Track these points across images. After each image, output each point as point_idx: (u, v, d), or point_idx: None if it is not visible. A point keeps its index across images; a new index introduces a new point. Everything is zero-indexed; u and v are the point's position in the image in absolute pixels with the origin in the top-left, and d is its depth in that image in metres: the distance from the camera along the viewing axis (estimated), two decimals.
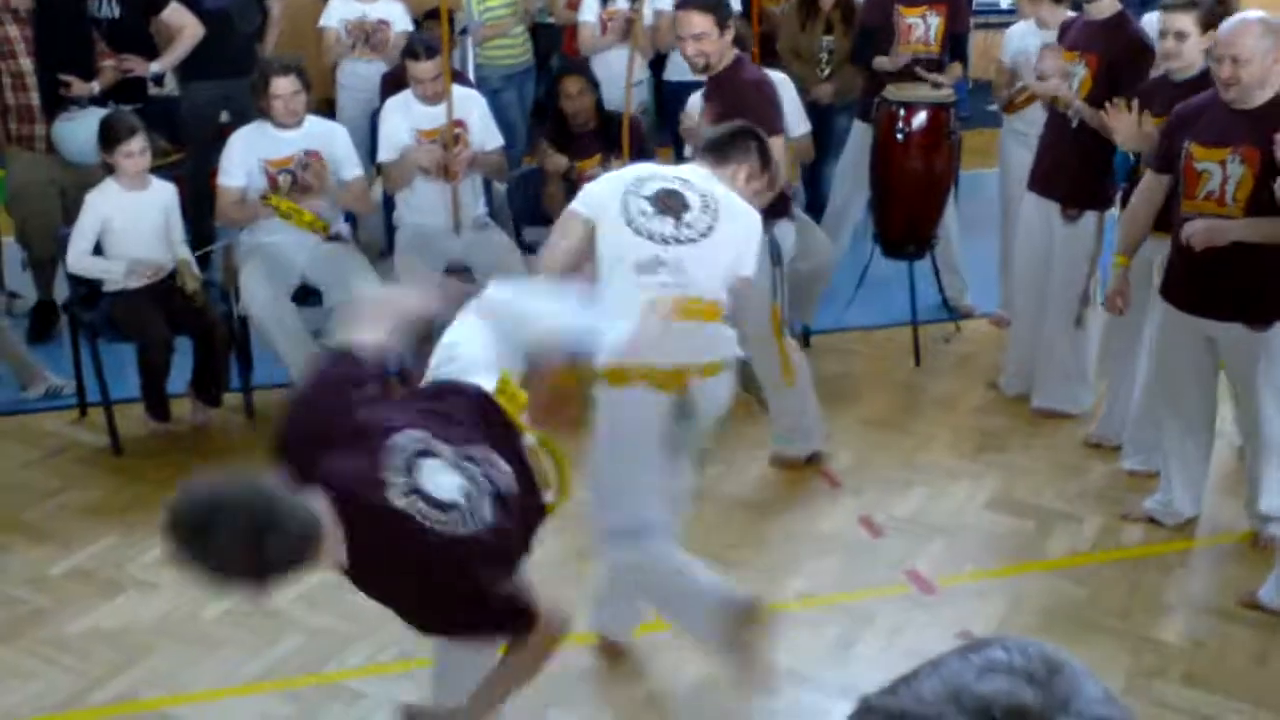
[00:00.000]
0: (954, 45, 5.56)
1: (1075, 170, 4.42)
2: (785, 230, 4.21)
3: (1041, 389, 4.74)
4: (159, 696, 3.28)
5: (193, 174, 5.67)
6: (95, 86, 5.09)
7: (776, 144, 4.01)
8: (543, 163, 5.15)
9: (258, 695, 3.23)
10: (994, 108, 6.86)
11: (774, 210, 4.08)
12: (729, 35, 4.09)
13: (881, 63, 5.42)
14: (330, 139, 4.82)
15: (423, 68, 4.84)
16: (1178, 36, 3.92)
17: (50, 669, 3.37)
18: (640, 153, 4.83)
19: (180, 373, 4.59)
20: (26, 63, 5.01)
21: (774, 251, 4.11)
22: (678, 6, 4.26)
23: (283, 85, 4.63)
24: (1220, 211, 3.56)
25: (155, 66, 5.44)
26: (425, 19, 6.25)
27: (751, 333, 4.15)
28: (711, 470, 4.39)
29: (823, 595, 3.70)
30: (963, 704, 0.86)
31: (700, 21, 4.04)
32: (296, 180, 4.74)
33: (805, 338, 5.35)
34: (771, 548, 3.96)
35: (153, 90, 5.64)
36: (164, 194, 4.63)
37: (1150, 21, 4.58)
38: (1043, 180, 4.56)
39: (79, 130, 4.91)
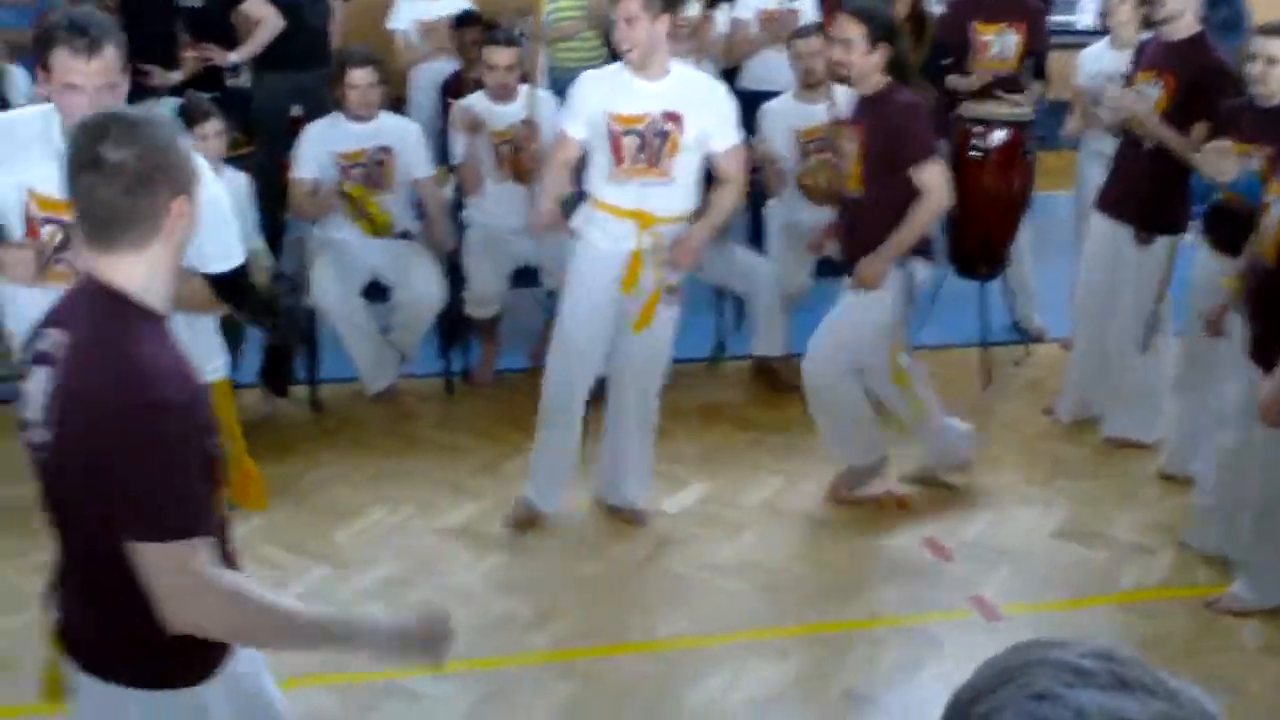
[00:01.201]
0: (1035, 64, 5.47)
1: (1148, 193, 4.32)
2: (920, 269, 4.02)
3: (1112, 417, 4.64)
4: None
5: (263, 165, 5.70)
6: (177, 76, 5.12)
7: (934, 170, 3.88)
8: None
9: (305, 689, 3.18)
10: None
11: (913, 248, 3.95)
12: (879, 55, 3.87)
13: (955, 82, 5.33)
14: (403, 136, 4.83)
15: (499, 54, 4.84)
16: (1268, 61, 3.84)
17: None
18: None
19: (249, 363, 4.60)
20: None
21: (906, 288, 3.98)
22: (840, 9, 4.15)
23: (360, 76, 4.65)
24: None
25: (234, 56, 5.47)
26: (458, 25, 6.20)
27: (869, 365, 4.11)
28: (774, 481, 4.36)
29: (886, 617, 3.64)
30: None
31: (850, 28, 3.87)
32: (369, 175, 4.75)
33: None
34: (836, 566, 3.90)
35: (228, 81, 5.68)
36: (237, 183, 4.64)
37: None
38: (1115, 203, 4.47)
39: None
